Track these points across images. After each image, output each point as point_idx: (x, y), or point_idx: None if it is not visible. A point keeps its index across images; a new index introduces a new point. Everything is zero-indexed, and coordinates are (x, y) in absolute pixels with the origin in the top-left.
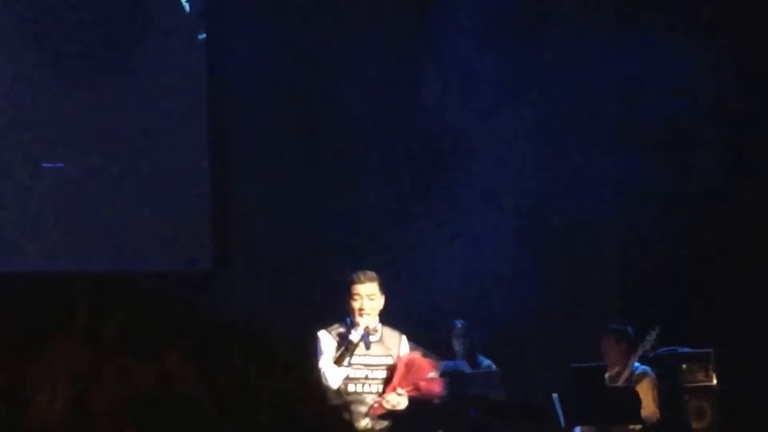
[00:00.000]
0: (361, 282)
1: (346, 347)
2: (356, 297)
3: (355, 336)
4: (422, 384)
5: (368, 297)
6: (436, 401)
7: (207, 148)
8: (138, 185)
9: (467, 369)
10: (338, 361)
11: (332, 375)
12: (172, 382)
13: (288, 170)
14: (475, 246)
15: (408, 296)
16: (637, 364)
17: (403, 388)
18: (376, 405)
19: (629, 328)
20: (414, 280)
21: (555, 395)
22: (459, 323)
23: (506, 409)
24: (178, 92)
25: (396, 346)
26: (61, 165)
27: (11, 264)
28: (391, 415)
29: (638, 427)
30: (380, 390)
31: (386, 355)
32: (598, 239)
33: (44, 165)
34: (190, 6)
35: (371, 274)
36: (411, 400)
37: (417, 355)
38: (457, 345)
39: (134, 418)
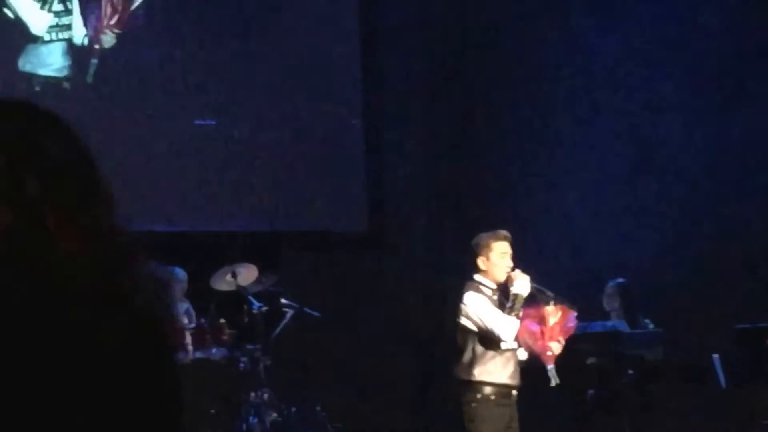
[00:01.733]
0: (506, 240)
1: (514, 300)
2: (504, 255)
3: (522, 288)
4: (571, 326)
5: (510, 256)
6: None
7: (360, 104)
8: (292, 143)
9: (626, 329)
10: (510, 313)
11: (508, 326)
12: None
13: (443, 132)
14: (633, 202)
15: (564, 255)
16: None
17: (562, 335)
18: (549, 354)
19: None
20: (570, 239)
21: (715, 356)
22: (613, 282)
23: (664, 370)
24: (330, 47)
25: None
26: (213, 122)
27: (162, 221)
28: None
29: None
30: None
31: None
32: (760, 194)
33: (197, 122)
34: None
35: (508, 233)
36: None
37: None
38: (609, 304)
39: None
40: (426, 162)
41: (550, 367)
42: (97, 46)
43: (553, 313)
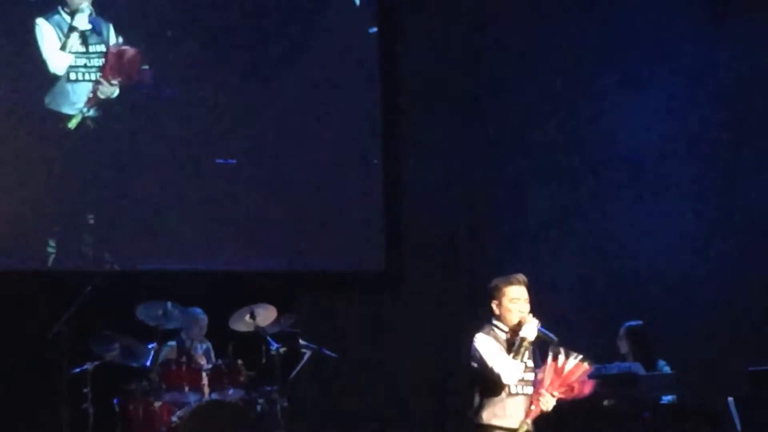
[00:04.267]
0: (520, 284)
1: (520, 344)
2: (514, 300)
3: (529, 333)
4: (575, 385)
5: (524, 300)
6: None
7: (380, 143)
8: (310, 182)
9: (641, 371)
10: (515, 357)
11: (511, 369)
12: None
13: (461, 169)
14: (651, 245)
15: (581, 296)
16: None
17: (555, 390)
18: (532, 408)
19: None
20: (586, 280)
21: (731, 399)
22: (629, 324)
23: (680, 412)
24: (350, 87)
25: (536, 349)
26: (233, 162)
27: (181, 261)
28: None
29: None
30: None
31: (532, 358)
32: None
33: (218, 161)
34: (360, 0)
35: (524, 277)
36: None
37: (566, 356)
38: (624, 346)
39: None
40: (445, 200)
41: (528, 420)
42: (116, 83)
43: (553, 369)
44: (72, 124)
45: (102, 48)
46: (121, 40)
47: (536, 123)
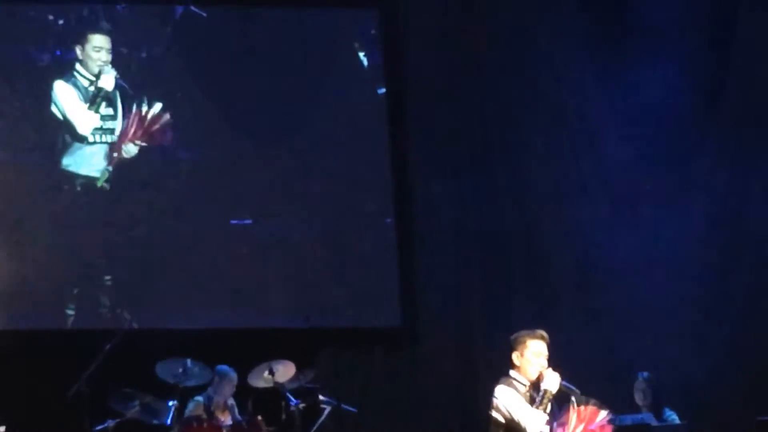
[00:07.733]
0: (542, 339)
1: (543, 395)
2: (537, 354)
3: (551, 385)
4: (595, 430)
5: (545, 356)
6: None
7: (392, 202)
8: (324, 241)
9: (653, 422)
10: (538, 408)
11: (536, 421)
12: None
13: (473, 224)
14: (660, 296)
15: (593, 348)
16: None
17: None
18: None
19: None
20: (599, 332)
21: None
22: (642, 375)
23: None
24: (361, 147)
25: (553, 401)
26: (249, 222)
27: (198, 321)
28: None
29: None
30: None
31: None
32: None
33: (232, 222)
34: (368, 61)
35: (546, 334)
36: None
37: (585, 403)
38: (639, 397)
39: None
40: (457, 255)
41: None
42: (137, 144)
43: (575, 416)
44: (99, 183)
45: (119, 110)
46: (140, 102)
47: (547, 173)
